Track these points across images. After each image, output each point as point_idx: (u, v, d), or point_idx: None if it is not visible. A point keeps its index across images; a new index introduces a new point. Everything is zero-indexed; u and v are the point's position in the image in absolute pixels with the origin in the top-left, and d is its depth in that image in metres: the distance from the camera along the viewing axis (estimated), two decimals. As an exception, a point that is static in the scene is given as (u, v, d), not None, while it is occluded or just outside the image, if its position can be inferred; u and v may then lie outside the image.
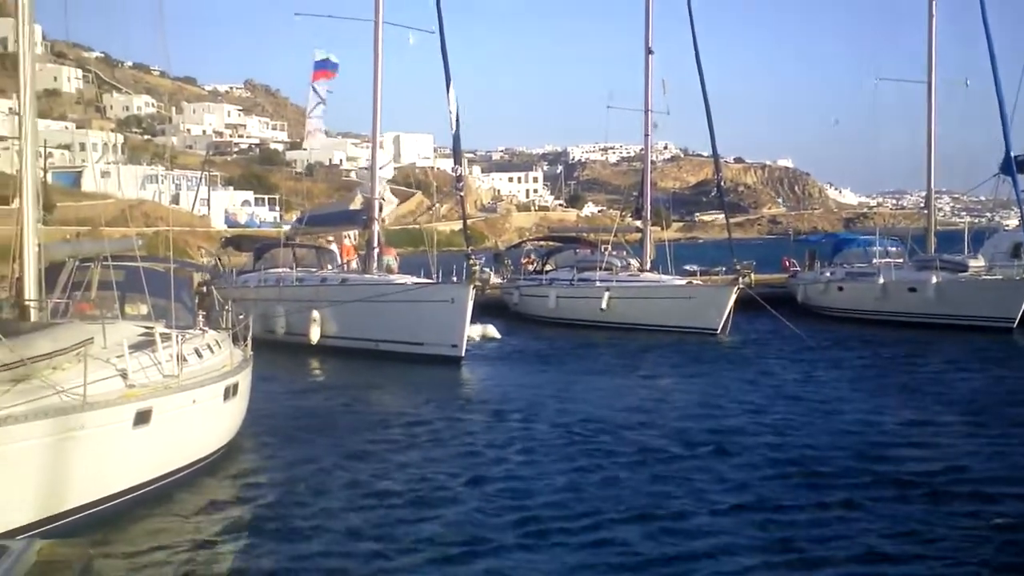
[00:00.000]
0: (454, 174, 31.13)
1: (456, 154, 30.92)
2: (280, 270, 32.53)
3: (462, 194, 30.59)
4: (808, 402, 20.64)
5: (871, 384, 23.25)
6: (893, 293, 36.03)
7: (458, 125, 29.08)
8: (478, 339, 31.66)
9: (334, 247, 36.45)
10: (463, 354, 26.12)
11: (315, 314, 28.56)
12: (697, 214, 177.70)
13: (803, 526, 11.82)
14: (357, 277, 30.92)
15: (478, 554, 10.92)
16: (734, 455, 15.39)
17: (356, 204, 34.07)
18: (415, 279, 29.85)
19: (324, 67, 32.63)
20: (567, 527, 11.78)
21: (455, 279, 27.45)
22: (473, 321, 27.65)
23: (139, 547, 10.96)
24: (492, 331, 33.04)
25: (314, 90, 32.83)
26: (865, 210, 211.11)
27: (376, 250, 31.82)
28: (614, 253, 39.87)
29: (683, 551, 11.02)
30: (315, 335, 28.69)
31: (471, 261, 27.26)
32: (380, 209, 32.52)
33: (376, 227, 31.85)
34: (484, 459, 15.38)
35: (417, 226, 55.84)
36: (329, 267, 33.97)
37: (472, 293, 26.14)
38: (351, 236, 37.43)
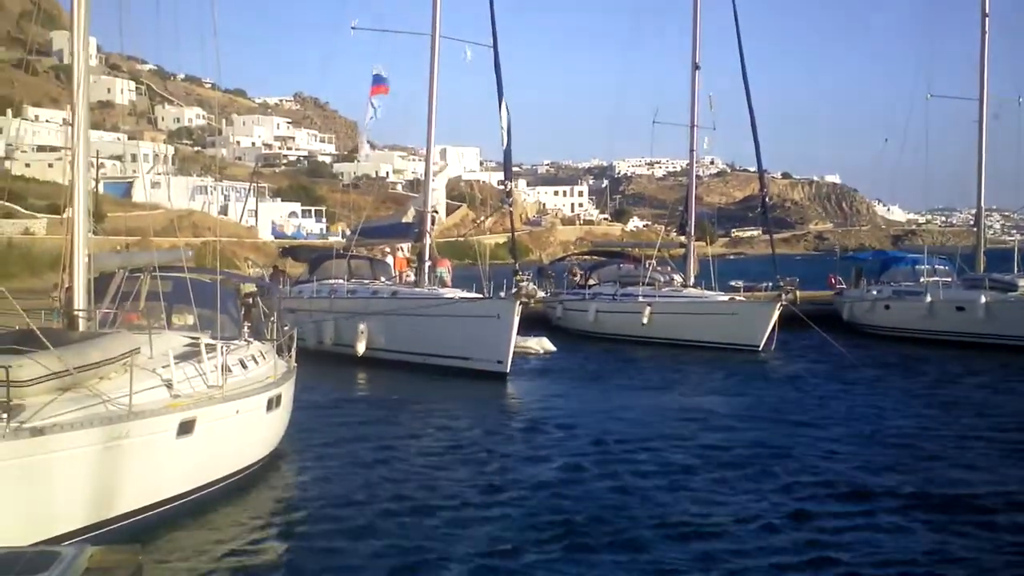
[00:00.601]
0: (504, 188, 31.10)
1: (507, 168, 30.80)
2: (334, 281, 32.68)
3: (511, 209, 30.55)
4: (848, 420, 20.52)
5: (913, 403, 23.03)
6: (941, 312, 35.60)
7: (509, 140, 29.12)
8: (539, 351, 32.03)
9: (389, 259, 36.61)
10: (508, 370, 26.04)
11: (362, 326, 28.70)
12: (734, 230, 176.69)
13: (846, 542, 11.78)
14: (407, 290, 30.95)
15: (515, 569, 10.95)
16: (773, 475, 15.35)
17: (409, 217, 34.29)
18: (463, 293, 29.87)
19: (381, 82, 32.72)
20: (608, 542, 11.83)
21: (502, 294, 27.42)
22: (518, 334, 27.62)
23: (183, 556, 11.11)
24: (547, 344, 33.22)
25: (371, 104, 32.88)
26: (913, 227, 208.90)
27: (428, 263, 31.95)
28: (658, 268, 39.78)
29: (724, 567, 11.04)
30: (361, 347, 28.85)
31: (518, 276, 27.18)
32: (433, 222, 32.65)
33: (428, 240, 31.98)
34: (524, 475, 15.37)
35: (463, 239, 55.96)
36: (382, 279, 34.06)
37: (519, 309, 26.06)
38: (404, 249, 37.62)
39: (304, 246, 42.38)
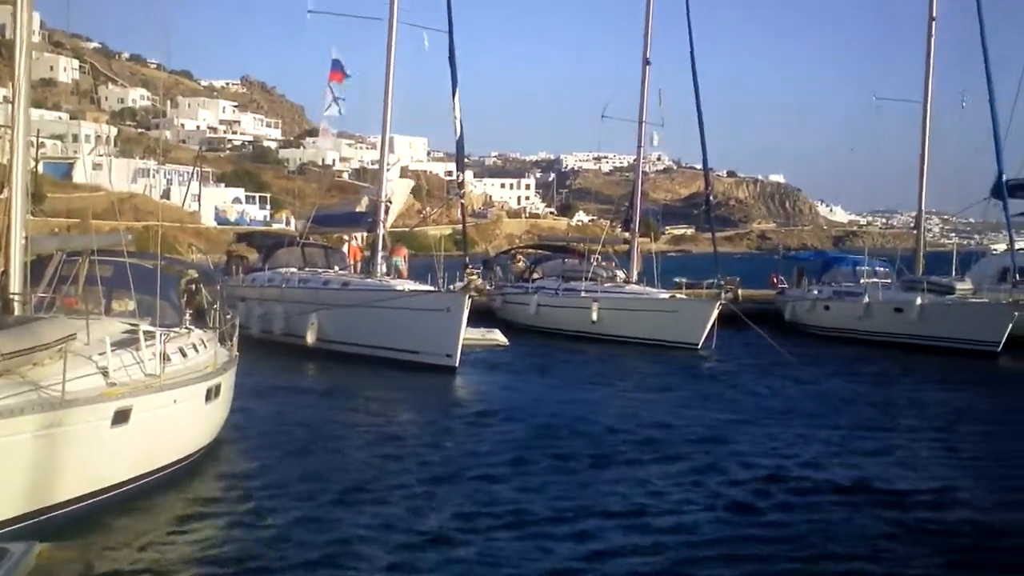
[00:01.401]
0: (456, 180, 30.97)
1: (459, 159, 30.60)
2: (286, 270, 32.43)
3: (463, 201, 30.42)
4: (767, 414, 20.93)
5: (835, 400, 23.38)
6: (878, 313, 36.09)
7: (462, 130, 29.05)
8: (493, 343, 32.27)
9: (345, 248, 36.38)
10: (457, 364, 25.91)
11: (312, 317, 28.53)
12: (667, 228, 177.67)
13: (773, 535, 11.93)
14: (358, 281, 30.76)
15: (453, 558, 11.00)
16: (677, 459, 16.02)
17: (363, 206, 34.14)
18: (414, 285, 29.77)
19: (338, 68, 32.33)
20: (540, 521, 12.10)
21: (453, 287, 27.37)
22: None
23: (120, 545, 10.92)
24: (500, 336, 33.43)
25: (330, 90, 32.46)
26: (855, 228, 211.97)
27: (383, 253, 31.79)
28: (603, 264, 39.90)
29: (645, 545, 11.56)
30: (311, 337, 28.64)
31: (468, 270, 27.13)
32: (386, 212, 32.45)
33: (382, 230, 31.81)
34: (465, 464, 15.47)
35: (407, 229, 55.79)
36: (336, 268, 33.82)
37: (468, 303, 26.02)
38: (358, 238, 37.43)
39: (259, 232, 42.05)
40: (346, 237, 37.88)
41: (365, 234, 35.17)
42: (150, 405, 12.39)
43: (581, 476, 14.88)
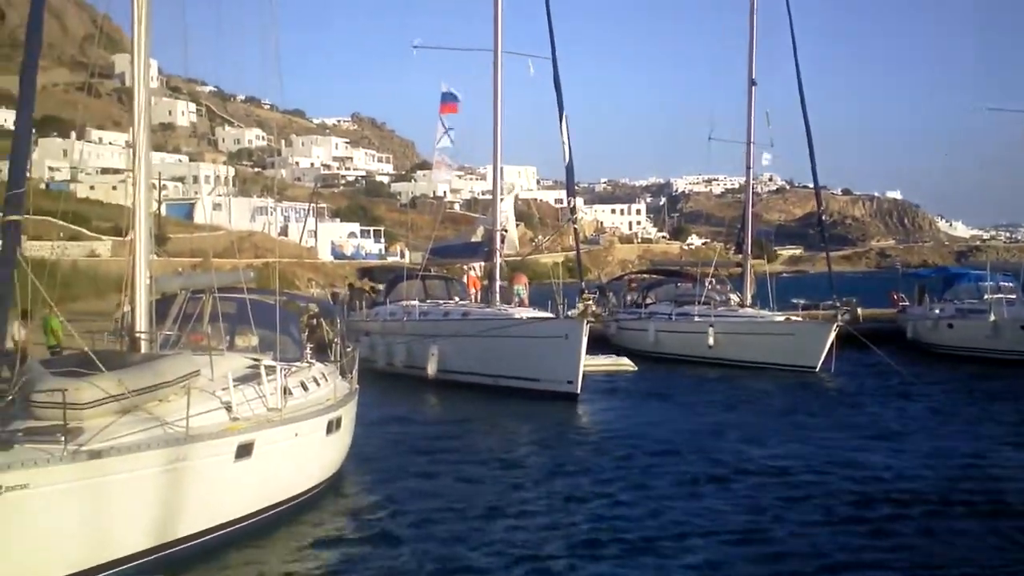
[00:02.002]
0: (568, 205, 30.86)
1: (569, 184, 30.58)
2: (407, 303, 32.52)
3: (576, 226, 30.24)
4: (886, 437, 20.39)
5: (963, 425, 22.34)
6: (1005, 331, 34.70)
7: (571, 156, 28.99)
8: (623, 369, 32.35)
9: (465, 278, 36.53)
10: (579, 390, 25.64)
11: (433, 348, 28.68)
12: (776, 248, 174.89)
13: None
14: (477, 311, 30.83)
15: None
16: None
17: (478, 236, 34.36)
18: (533, 312, 29.72)
19: (449, 99, 32.60)
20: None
21: (570, 313, 27.27)
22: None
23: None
24: (626, 362, 33.51)
25: (441, 122, 32.67)
26: (978, 243, 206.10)
27: (500, 282, 31.90)
28: (718, 287, 39.41)
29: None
30: (432, 368, 28.79)
31: (585, 295, 26.96)
32: (502, 241, 32.64)
33: (498, 259, 31.89)
34: (594, 504, 14.80)
35: (519, 257, 55.95)
36: (455, 299, 33.98)
37: (587, 329, 25.83)
38: (476, 268, 37.62)
39: (381, 267, 42.62)
40: (465, 267, 38.08)
41: (482, 264, 35.32)
42: (272, 439, 12.56)
43: (705, 501, 14.64)
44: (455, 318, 30.09)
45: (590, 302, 26.69)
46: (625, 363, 33.57)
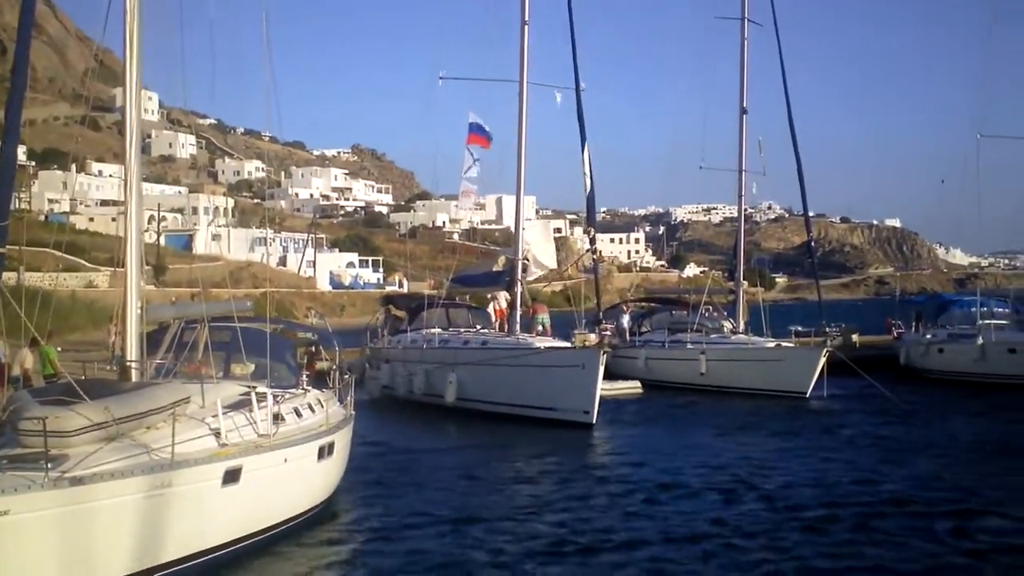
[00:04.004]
0: (589, 235, 30.74)
1: (590, 214, 30.55)
2: (427, 331, 32.46)
3: (595, 257, 30.10)
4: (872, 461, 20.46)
5: (941, 450, 22.21)
6: (993, 355, 34.77)
7: (592, 185, 29.04)
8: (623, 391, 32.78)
9: (490, 308, 36.13)
10: (594, 420, 25.54)
11: (451, 376, 28.74)
12: (775, 276, 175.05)
13: None
14: (497, 340, 30.81)
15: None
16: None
17: (499, 265, 34.48)
18: (551, 342, 29.69)
19: (478, 131, 32.51)
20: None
21: (587, 342, 27.29)
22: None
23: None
24: (636, 385, 33.93)
25: (468, 152, 32.60)
26: (976, 270, 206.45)
27: (521, 311, 31.99)
28: (714, 314, 39.55)
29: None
30: (450, 396, 28.82)
31: (602, 325, 26.99)
32: (524, 270, 32.71)
33: (519, 288, 31.95)
34: (604, 540, 14.07)
35: (543, 284, 56.36)
36: (477, 327, 33.98)
37: (604, 358, 25.84)
38: (500, 298, 37.54)
39: (404, 295, 42.84)
40: (489, 296, 38.09)
41: (507, 294, 35.33)
42: (260, 464, 12.61)
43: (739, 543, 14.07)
44: (474, 346, 30.12)
45: (607, 332, 26.66)
46: (632, 386, 33.96)
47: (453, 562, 12.81)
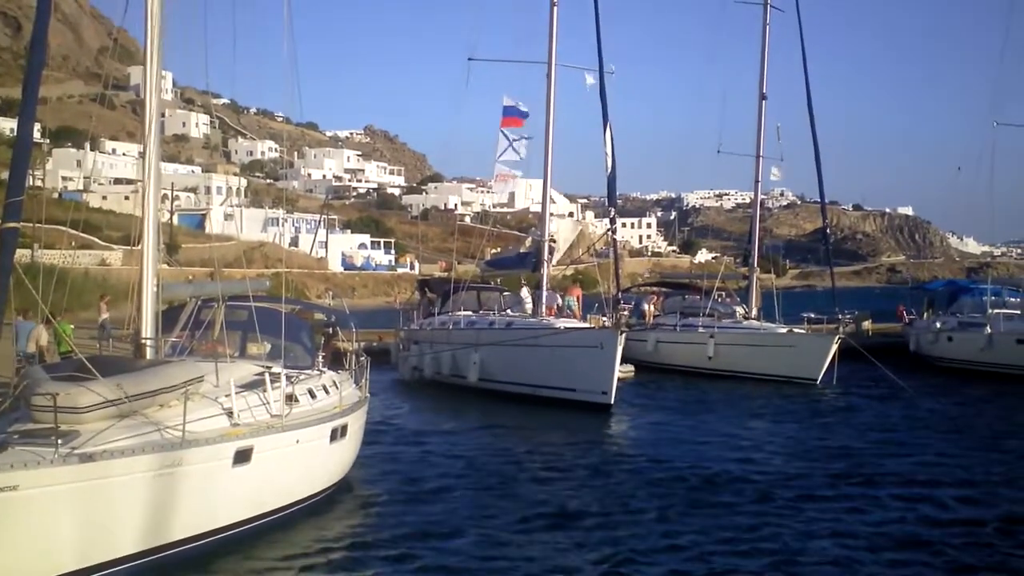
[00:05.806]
0: (609, 216, 30.76)
1: (611, 195, 30.60)
2: (455, 313, 32.54)
3: (615, 236, 30.14)
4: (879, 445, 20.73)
5: (941, 436, 22.47)
6: (1000, 344, 34.61)
7: (614, 166, 29.02)
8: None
9: (523, 292, 35.83)
10: (612, 401, 25.63)
11: (475, 356, 28.90)
12: (786, 263, 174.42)
13: None
14: (520, 321, 30.88)
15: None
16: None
17: (526, 246, 34.46)
18: (571, 323, 29.80)
19: (513, 113, 32.60)
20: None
21: (605, 322, 27.30)
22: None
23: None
24: (630, 369, 33.71)
25: (503, 135, 32.56)
26: (988, 259, 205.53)
27: (546, 292, 32.14)
28: (727, 299, 39.51)
29: None
30: (473, 376, 28.99)
31: (620, 307, 27.04)
32: (551, 252, 32.58)
33: (546, 270, 32.03)
34: (618, 528, 14.00)
35: (569, 267, 56.56)
36: (509, 310, 33.88)
37: (622, 339, 25.88)
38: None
39: (439, 279, 42.97)
40: (523, 280, 38.16)
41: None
42: (272, 445, 12.61)
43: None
44: (497, 327, 30.26)
45: (625, 312, 26.71)
46: (627, 369, 33.44)
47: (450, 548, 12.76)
